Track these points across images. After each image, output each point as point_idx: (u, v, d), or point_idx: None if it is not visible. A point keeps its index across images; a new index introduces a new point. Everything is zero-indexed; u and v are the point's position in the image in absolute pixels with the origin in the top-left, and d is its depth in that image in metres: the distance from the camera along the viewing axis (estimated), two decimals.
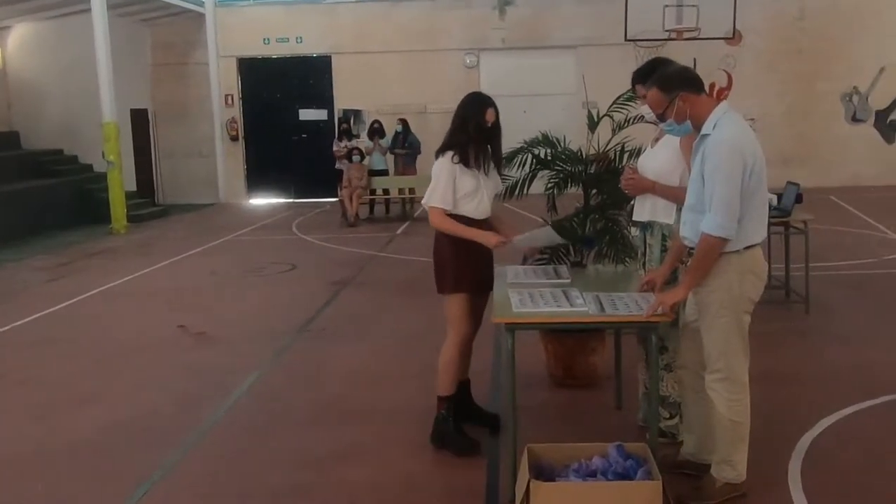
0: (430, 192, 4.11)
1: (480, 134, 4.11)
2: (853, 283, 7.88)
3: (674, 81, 3.41)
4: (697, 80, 3.45)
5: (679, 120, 3.40)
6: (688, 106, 3.37)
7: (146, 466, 4.13)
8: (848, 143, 17.10)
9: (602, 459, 3.31)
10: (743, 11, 14.63)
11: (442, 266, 4.15)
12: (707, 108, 3.37)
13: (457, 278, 4.09)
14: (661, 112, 3.44)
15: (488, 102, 4.20)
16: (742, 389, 3.44)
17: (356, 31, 17.35)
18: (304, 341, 6.55)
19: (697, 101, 3.38)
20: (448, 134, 4.20)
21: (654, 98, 3.44)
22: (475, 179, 4.09)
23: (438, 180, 4.09)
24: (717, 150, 3.25)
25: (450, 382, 4.18)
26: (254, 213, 15.95)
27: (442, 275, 4.16)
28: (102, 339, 6.80)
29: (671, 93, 3.38)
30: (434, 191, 4.10)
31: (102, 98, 13.24)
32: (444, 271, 4.14)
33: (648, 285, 3.69)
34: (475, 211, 4.11)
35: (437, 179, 4.10)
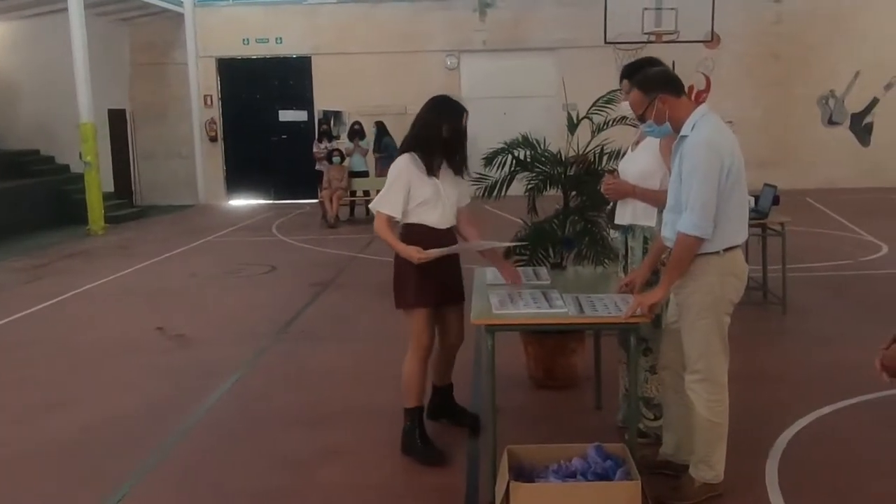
0: (380, 195, 3.98)
1: (456, 140, 3.99)
2: (830, 284, 7.97)
3: (653, 83, 3.43)
4: (677, 82, 3.47)
5: (658, 121, 3.43)
6: (667, 108, 3.39)
7: (123, 470, 4.09)
8: (824, 145, 17.29)
9: (581, 460, 3.32)
10: (721, 15, 14.77)
11: (403, 280, 3.99)
12: (686, 110, 3.40)
13: (417, 293, 3.94)
14: (641, 113, 3.46)
15: (463, 109, 4.07)
16: (721, 390, 3.46)
17: (336, 32, 17.32)
18: (283, 343, 6.52)
19: (677, 104, 3.41)
20: (412, 137, 4.04)
21: (634, 99, 3.47)
22: (434, 187, 3.94)
23: (391, 185, 3.95)
24: (694, 151, 3.27)
25: (414, 395, 4.09)
26: (233, 215, 15.86)
27: (402, 289, 4.00)
28: (80, 341, 6.72)
29: (651, 94, 3.40)
30: (384, 195, 3.96)
31: (79, 98, 13.12)
32: (405, 285, 3.98)
33: (628, 287, 3.72)
34: (438, 221, 3.98)
35: (391, 184, 3.96)
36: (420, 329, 4.00)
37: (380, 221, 3.96)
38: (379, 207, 3.96)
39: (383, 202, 3.96)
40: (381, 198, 3.97)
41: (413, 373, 4.06)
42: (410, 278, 3.92)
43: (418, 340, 4.02)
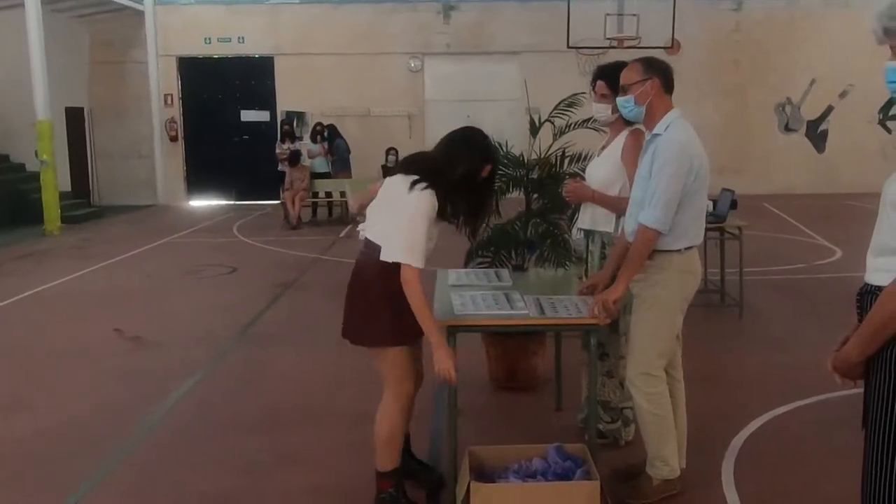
0: (407, 243, 3.16)
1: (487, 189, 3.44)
2: (785, 287, 8.12)
3: (657, 67, 3.51)
4: (672, 81, 3.54)
5: (639, 101, 3.48)
6: (652, 94, 3.45)
7: (76, 476, 4.01)
8: (781, 152, 17.62)
9: (542, 461, 3.35)
10: (681, 22, 14.98)
11: (374, 314, 3.30)
12: (664, 107, 3.47)
13: (396, 328, 3.29)
14: (629, 84, 3.50)
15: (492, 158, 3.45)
16: (660, 382, 3.52)
17: (299, 33, 17.22)
18: (244, 345, 6.46)
19: (661, 97, 3.47)
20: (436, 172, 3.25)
21: (631, 70, 3.52)
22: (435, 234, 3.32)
23: (416, 228, 3.17)
24: (667, 149, 3.35)
25: (396, 454, 3.45)
26: (194, 215, 15.67)
27: (374, 323, 3.31)
28: (33, 344, 6.59)
29: (649, 73, 3.47)
30: (414, 244, 3.16)
31: (36, 95, 12.88)
32: (376, 319, 3.30)
33: (589, 289, 3.75)
34: None
35: (415, 226, 3.17)
36: (402, 371, 3.39)
37: (415, 281, 3.16)
38: (412, 261, 3.16)
39: (416, 253, 3.16)
40: (412, 247, 3.16)
41: (396, 426, 3.42)
42: (385, 310, 3.27)
43: (400, 385, 3.40)
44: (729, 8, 17.47)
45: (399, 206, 3.22)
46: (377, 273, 3.26)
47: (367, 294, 3.33)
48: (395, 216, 3.23)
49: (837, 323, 2.37)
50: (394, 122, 17.37)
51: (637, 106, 3.50)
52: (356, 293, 3.38)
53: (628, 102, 3.53)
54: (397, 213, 3.22)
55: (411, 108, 17.58)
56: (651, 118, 3.48)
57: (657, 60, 3.57)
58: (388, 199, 3.34)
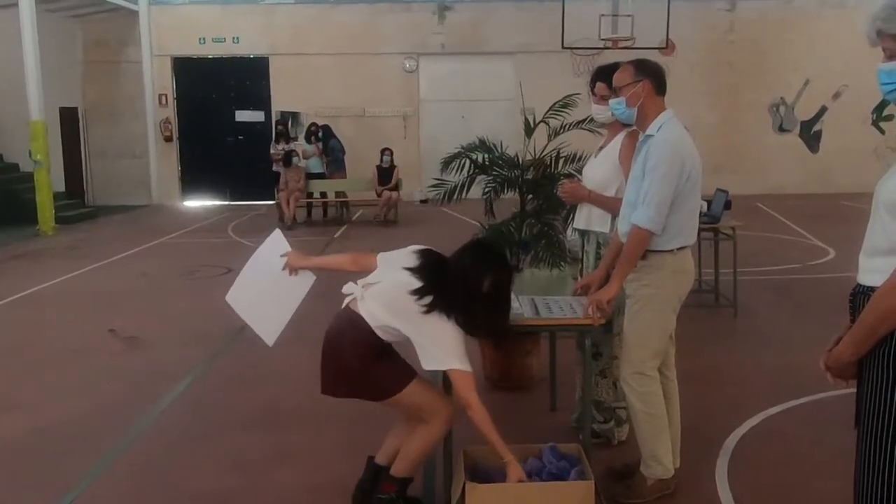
0: (446, 352, 3.09)
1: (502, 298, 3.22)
2: (779, 287, 8.15)
3: (649, 69, 3.52)
4: (664, 82, 3.56)
5: (630, 103, 3.50)
6: (644, 96, 3.47)
7: (75, 472, 4.02)
8: (775, 152, 17.69)
9: (536, 460, 3.36)
10: (676, 23, 15.00)
11: (366, 372, 3.24)
12: (657, 108, 3.49)
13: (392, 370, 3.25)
14: (620, 86, 3.52)
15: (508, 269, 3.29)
16: (653, 381, 3.54)
17: (294, 33, 17.21)
18: (238, 345, 6.45)
19: (653, 98, 3.49)
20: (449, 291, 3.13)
21: (623, 72, 3.54)
22: None
23: (448, 338, 3.10)
24: (660, 149, 3.37)
25: (416, 467, 3.39)
26: (188, 216, 15.65)
27: (379, 376, 3.24)
28: (27, 344, 6.58)
29: (640, 75, 3.48)
30: (452, 348, 3.08)
31: (30, 95, 12.85)
32: (375, 375, 3.23)
33: (583, 289, 3.77)
34: None
35: (446, 337, 3.10)
36: (431, 396, 3.28)
37: (468, 383, 3.09)
38: (457, 366, 3.07)
39: (458, 356, 3.07)
40: (451, 352, 3.07)
41: (431, 446, 3.34)
42: (375, 364, 3.23)
43: (439, 413, 3.26)
44: (723, 8, 17.52)
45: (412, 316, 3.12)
46: (353, 338, 3.26)
47: (348, 358, 3.28)
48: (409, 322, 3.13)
49: (831, 323, 2.38)
50: (389, 122, 17.38)
51: (629, 108, 3.52)
52: (347, 359, 3.30)
53: (620, 104, 3.55)
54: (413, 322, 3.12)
55: (406, 109, 17.59)
56: (643, 119, 3.51)
57: (648, 62, 3.59)
58: (388, 294, 3.23)
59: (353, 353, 3.24)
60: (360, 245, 11.52)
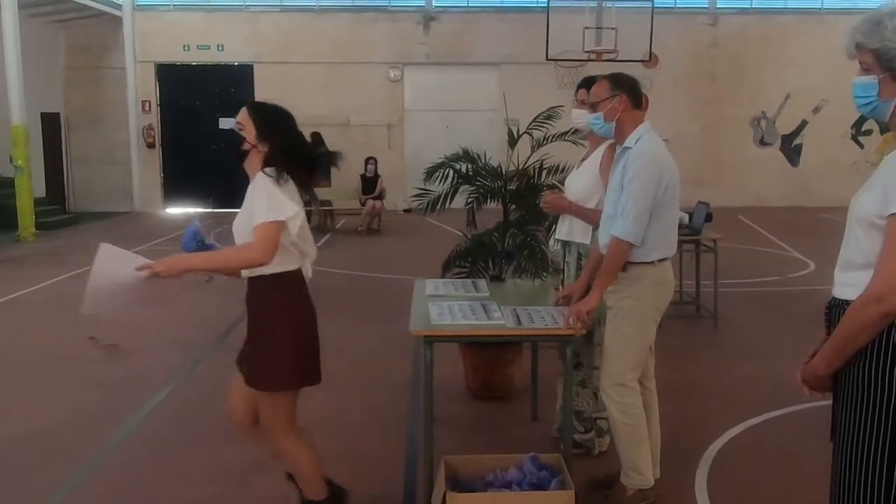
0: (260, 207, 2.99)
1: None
2: (760, 299, 8.22)
3: (623, 83, 3.57)
4: (641, 96, 3.61)
5: (608, 118, 3.54)
6: (621, 110, 3.51)
7: (53, 482, 3.98)
8: (756, 165, 17.85)
9: (517, 470, 3.37)
10: (659, 36, 15.17)
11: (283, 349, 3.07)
12: (634, 121, 3.53)
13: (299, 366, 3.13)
14: (597, 101, 3.56)
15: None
16: (633, 393, 3.56)
17: (279, 41, 17.20)
18: (220, 353, 6.40)
19: (630, 112, 3.53)
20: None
21: (600, 87, 3.59)
22: None
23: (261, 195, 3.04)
24: (637, 161, 3.40)
25: (321, 481, 3.31)
26: (170, 223, 15.55)
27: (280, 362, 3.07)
28: (7, 351, 6.52)
29: (616, 90, 3.53)
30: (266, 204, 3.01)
31: (11, 100, 12.75)
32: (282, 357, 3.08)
33: (565, 300, 3.79)
34: None
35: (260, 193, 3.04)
36: (292, 409, 3.24)
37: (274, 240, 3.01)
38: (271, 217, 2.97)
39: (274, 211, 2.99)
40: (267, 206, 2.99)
41: (310, 457, 3.29)
42: (293, 346, 3.10)
43: (292, 426, 3.25)
44: (706, 23, 17.70)
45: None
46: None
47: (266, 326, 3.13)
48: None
49: (811, 335, 2.41)
50: (373, 131, 17.39)
51: (606, 122, 3.56)
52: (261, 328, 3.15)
53: (598, 119, 3.59)
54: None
55: (391, 118, 17.61)
56: (621, 133, 3.55)
57: (624, 77, 3.64)
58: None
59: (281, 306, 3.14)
60: (342, 255, 11.50)
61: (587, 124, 3.97)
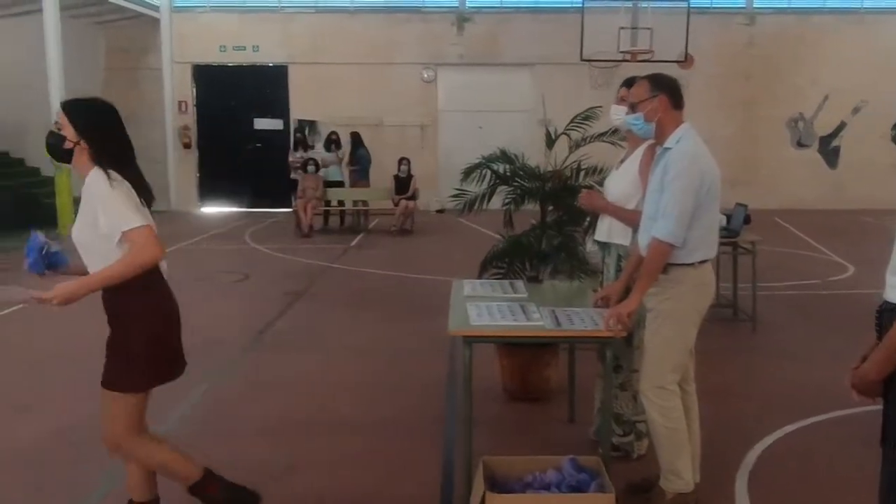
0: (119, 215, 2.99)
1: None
2: (798, 303, 8.10)
3: (663, 83, 3.55)
4: (681, 96, 3.58)
5: (648, 118, 3.52)
6: (661, 111, 3.49)
7: (87, 480, 4.02)
8: (792, 166, 17.61)
9: (556, 472, 3.35)
10: (695, 36, 15.03)
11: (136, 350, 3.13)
12: (674, 122, 3.51)
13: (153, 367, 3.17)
14: (637, 102, 3.54)
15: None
16: (673, 396, 3.53)
17: (313, 42, 17.32)
18: (256, 352, 6.48)
19: (670, 113, 3.51)
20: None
21: (639, 88, 3.57)
22: None
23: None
24: (678, 162, 3.38)
25: (188, 465, 3.34)
26: (206, 222, 15.75)
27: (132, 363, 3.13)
28: (47, 347, 6.62)
29: (656, 90, 3.51)
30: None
31: (52, 100, 12.95)
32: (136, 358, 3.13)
33: (603, 301, 3.77)
34: None
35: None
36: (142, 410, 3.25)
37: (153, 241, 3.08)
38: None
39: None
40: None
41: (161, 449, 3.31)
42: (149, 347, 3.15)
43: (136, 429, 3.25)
44: (742, 23, 17.50)
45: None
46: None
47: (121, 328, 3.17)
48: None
49: (852, 339, 2.38)
50: (406, 132, 17.44)
51: (646, 123, 3.54)
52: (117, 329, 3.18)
53: (637, 120, 3.57)
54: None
55: (424, 119, 17.65)
56: (661, 134, 3.52)
57: (664, 77, 3.61)
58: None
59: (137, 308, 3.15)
60: (376, 254, 11.55)
61: (625, 123, 3.93)
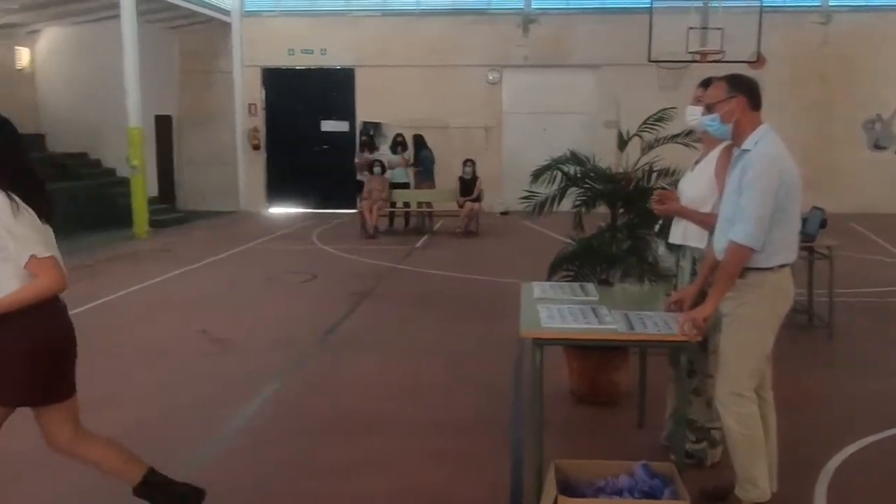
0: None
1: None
2: (876, 310, 7.84)
3: (742, 84, 3.49)
4: (759, 97, 3.51)
5: (725, 119, 3.46)
6: (739, 112, 3.43)
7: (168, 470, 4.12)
8: (869, 169, 17.03)
9: (628, 478, 3.31)
10: (767, 36, 14.68)
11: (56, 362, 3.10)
12: (753, 123, 3.44)
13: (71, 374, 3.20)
14: (714, 103, 3.49)
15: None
16: (750, 402, 3.45)
17: (379, 45, 17.47)
18: (324, 351, 6.58)
19: (748, 114, 3.45)
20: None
21: (717, 89, 3.51)
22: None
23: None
24: (757, 163, 3.31)
25: (133, 467, 3.35)
26: (273, 222, 16.03)
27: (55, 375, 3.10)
28: (126, 341, 6.83)
29: (734, 91, 3.45)
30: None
31: (129, 103, 13.35)
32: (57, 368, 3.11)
33: (676, 305, 3.71)
34: None
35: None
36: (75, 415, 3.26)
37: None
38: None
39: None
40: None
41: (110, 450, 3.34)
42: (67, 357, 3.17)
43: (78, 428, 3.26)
44: (817, 21, 17.00)
45: None
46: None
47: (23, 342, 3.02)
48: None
49: None
50: (471, 133, 17.45)
51: (723, 124, 3.48)
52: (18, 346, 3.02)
53: (714, 121, 3.51)
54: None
55: (488, 121, 17.63)
56: (739, 135, 3.46)
57: (743, 77, 3.55)
58: None
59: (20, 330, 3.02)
60: (441, 255, 11.59)
61: (701, 124, 3.86)
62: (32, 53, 16.50)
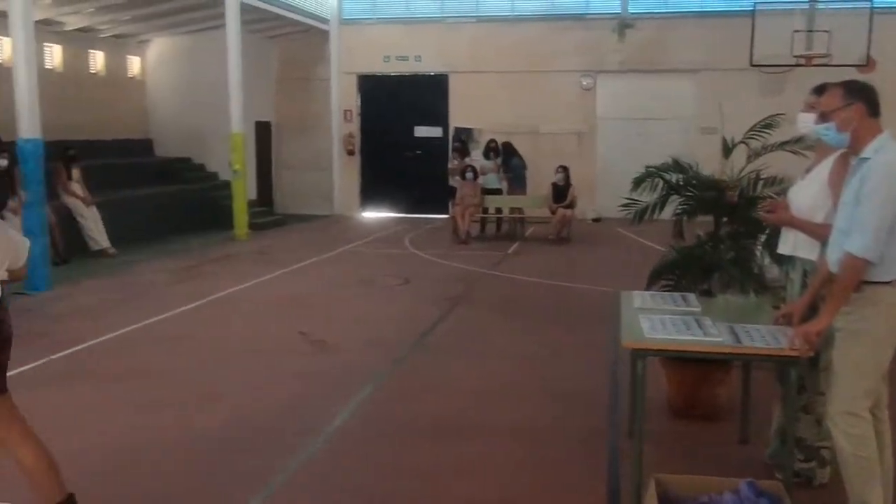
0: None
1: None
2: None
3: (859, 91, 3.37)
4: (877, 104, 3.38)
5: (842, 128, 3.34)
6: (856, 120, 3.31)
7: (266, 469, 4.24)
8: None
9: (733, 495, 3.22)
10: (878, 38, 14.05)
11: None
12: (872, 131, 3.31)
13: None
14: (830, 111, 3.37)
15: None
16: (864, 423, 3.30)
17: (473, 51, 17.53)
18: (419, 355, 6.64)
19: (866, 121, 3.32)
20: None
21: (833, 95, 3.40)
22: None
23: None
24: (877, 172, 3.18)
25: (58, 482, 3.31)
26: (367, 227, 16.29)
27: None
28: (227, 340, 7.07)
29: (850, 98, 3.34)
30: None
31: (232, 110, 13.81)
32: None
33: (785, 318, 3.59)
34: None
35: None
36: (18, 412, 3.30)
37: None
38: None
39: None
40: None
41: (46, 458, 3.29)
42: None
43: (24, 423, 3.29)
44: None
45: None
46: None
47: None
48: None
49: None
50: (563, 139, 17.32)
51: (839, 133, 3.35)
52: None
53: (829, 129, 3.38)
54: None
55: (581, 126, 17.46)
56: (857, 143, 3.32)
57: (859, 84, 3.41)
58: None
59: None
60: (534, 261, 11.54)
61: (814, 132, 3.73)
62: (143, 62, 17.27)
